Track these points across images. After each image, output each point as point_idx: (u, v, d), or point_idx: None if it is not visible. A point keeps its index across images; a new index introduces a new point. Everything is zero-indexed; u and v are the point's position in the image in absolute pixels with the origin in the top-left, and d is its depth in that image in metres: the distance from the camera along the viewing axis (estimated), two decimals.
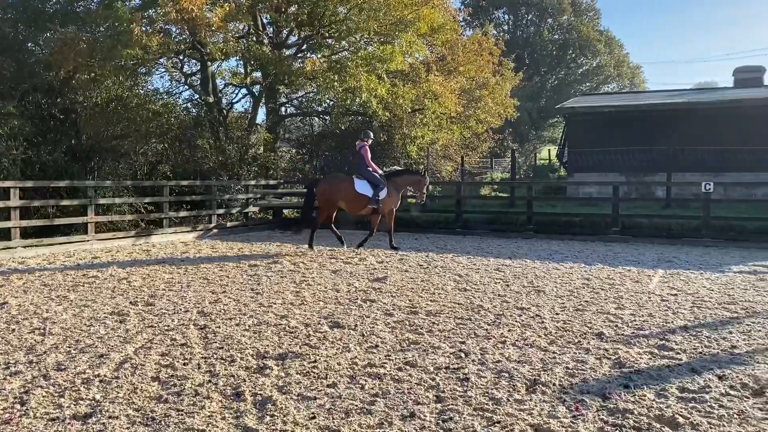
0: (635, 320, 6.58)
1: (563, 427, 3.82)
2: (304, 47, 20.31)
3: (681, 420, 3.91)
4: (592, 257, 11.49)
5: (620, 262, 10.91)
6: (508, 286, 8.62)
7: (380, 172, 12.58)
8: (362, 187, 12.06)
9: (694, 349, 5.50)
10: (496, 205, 20.30)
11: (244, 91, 22.60)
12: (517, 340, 5.78)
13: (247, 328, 6.28)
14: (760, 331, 6.13)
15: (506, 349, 5.49)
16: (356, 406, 4.19)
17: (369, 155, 12.39)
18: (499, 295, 7.96)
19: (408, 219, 16.86)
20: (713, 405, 4.18)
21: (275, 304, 7.43)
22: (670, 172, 18.66)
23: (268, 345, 5.64)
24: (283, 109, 23.09)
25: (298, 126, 26.86)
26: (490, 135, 28.66)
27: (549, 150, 43.26)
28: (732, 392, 4.43)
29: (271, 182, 18.92)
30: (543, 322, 6.52)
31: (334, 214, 12.73)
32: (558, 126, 42.96)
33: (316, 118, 25.09)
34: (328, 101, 22.02)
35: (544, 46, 44.39)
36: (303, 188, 20.58)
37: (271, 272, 9.81)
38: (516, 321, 6.55)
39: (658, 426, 3.84)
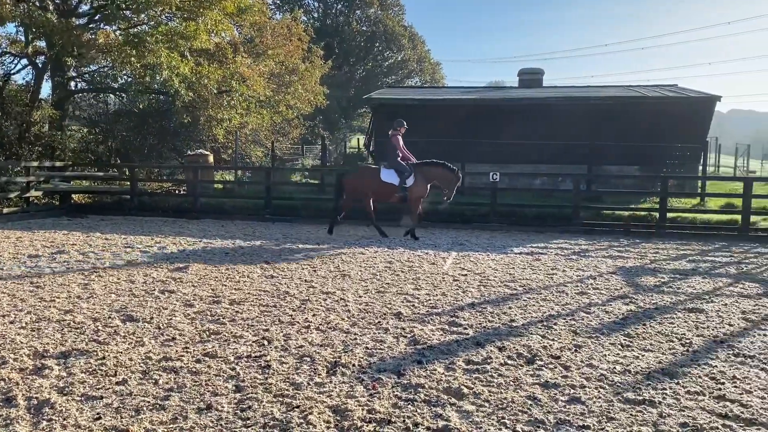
0: (430, 299, 7.02)
1: (360, 406, 3.95)
2: (98, 17, 18.56)
3: (466, 390, 4.25)
4: (395, 242, 12.04)
5: (419, 245, 11.57)
6: (315, 271, 8.71)
7: (411, 160, 12.49)
8: (388, 175, 12.29)
9: (479, 324, 6.01)
10: (306, 191, 20.38)
11: (25, 61, 20.09)
12: (320, 324, 5.86)
13: (24, 325, 5.62)
14: (534, 305, 6.88)
15: (310, 334, 5.54)
16: (148, 402, 3.94)
17: (400, 144, 12.38)
18: (305, 280, 8.01)
19: (214, 204, 16.30)
20: (493, 374, 4.60)
21: (59, 298, 6.73)
22: (464, 163, 20.19)
23: (48, 343, 5.09)
24: (72, 83, 20.93)
25: (91, 103, 24.53)
26: (301, 122, 28.73)
27: (358, 139, 44.50)
28: (509, 362, 4.91)
29: (58, 164, 17.07)
30: (347, 305, 6.69)
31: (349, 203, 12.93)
32: (366, 116, 44.28)
33: (112, 95, 23.09)
34: (125, 77, 20.40)
35: (353, 36, 45.37)
36: (95, 171, 18.97)
37: (55, 263, 8.87)
38: (321, 305, 6.64)
39: (446, 397, 4.14)
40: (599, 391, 4.29)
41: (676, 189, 18.83)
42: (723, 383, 4.51)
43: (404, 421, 3.74)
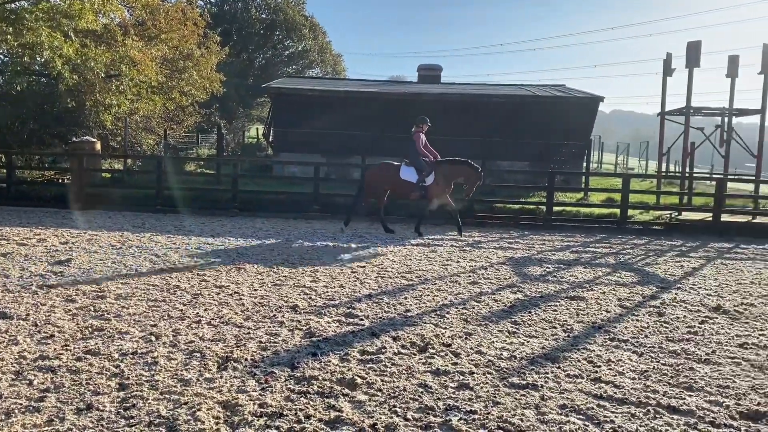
0: (327, 291, 7.02)
1: (251, 400, 3.88)
2: None
3: (359, 380, 4.28)
4: (294, 234, 11.92)
5: (319, 238, 11.53)
6: (208, 264, 8.46)
7: (431, 158, 12.25)
8: (408, 173, 12.16)
9: (375, 314, 6.08)
10: (200, 182, 19.72)
11: None
12: (212, 319, 5.71)
13: None
14: (428, 295, 7.05)
15: (201, 329, 5.38)
16: (21, 404, 3.68)
17: (421, 141, 12.21)
18: (198, 274, 7.76)
19: (101, 194, 15.42)
20: (387, 364, 4.67)
21: None
22: (365, 156, 20.30)
23: None
24: None
25: None
26: (197, 109, 27.75)
27: (258, 129, 43.61)
28: (403, 351, 5.00)
29: None
30: (241, 299, 6.56)
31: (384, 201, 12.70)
32: (266, 105, 43.42)
33: None
34: (0, 57, 18.85)
35: (252, 24, 44.28)
36: None
37: None
38: (214, 299, 6.47)
39: (339, 388, 4.15)
40: (486, 377, 4.47)
41: (563, 184, 19.92)
42: (599, 366, 4.82)
43: (296, 413, 3.72)
